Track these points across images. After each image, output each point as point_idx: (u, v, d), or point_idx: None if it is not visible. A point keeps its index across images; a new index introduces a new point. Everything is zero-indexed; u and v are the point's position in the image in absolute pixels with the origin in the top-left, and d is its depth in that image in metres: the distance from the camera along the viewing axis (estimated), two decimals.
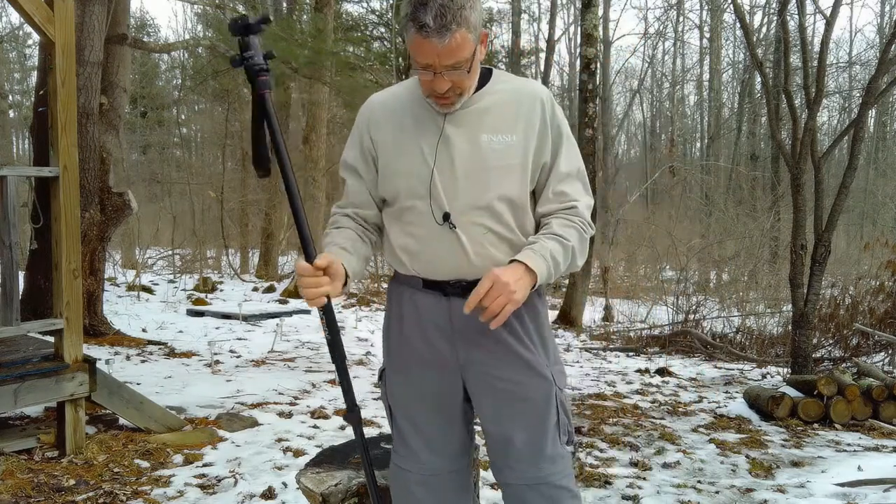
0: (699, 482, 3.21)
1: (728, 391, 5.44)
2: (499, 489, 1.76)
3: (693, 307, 8.86)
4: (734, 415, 4.54)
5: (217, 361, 5.58)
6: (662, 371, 6.19)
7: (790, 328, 5.85)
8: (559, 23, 20.45)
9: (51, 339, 3.37)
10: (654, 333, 8.58)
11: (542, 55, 19.12)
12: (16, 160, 19.07)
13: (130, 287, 10.21)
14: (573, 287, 9.87)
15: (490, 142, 1.48)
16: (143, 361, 5.43)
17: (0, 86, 19.86)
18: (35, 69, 12.54)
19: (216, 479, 3.03)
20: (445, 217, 1.46)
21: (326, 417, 4.13)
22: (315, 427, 3.91)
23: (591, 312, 10.84)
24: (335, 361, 1.47)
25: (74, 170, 3.22)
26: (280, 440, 3.62)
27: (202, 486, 2.95)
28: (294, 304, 9.75)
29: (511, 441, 1.55)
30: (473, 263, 1.47)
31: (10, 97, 21.55)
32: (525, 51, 20.07)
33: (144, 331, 6.89)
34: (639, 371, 6.24)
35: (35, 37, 14.87)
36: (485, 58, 1.49)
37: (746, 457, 3.60)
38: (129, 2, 6.78)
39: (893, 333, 6.40)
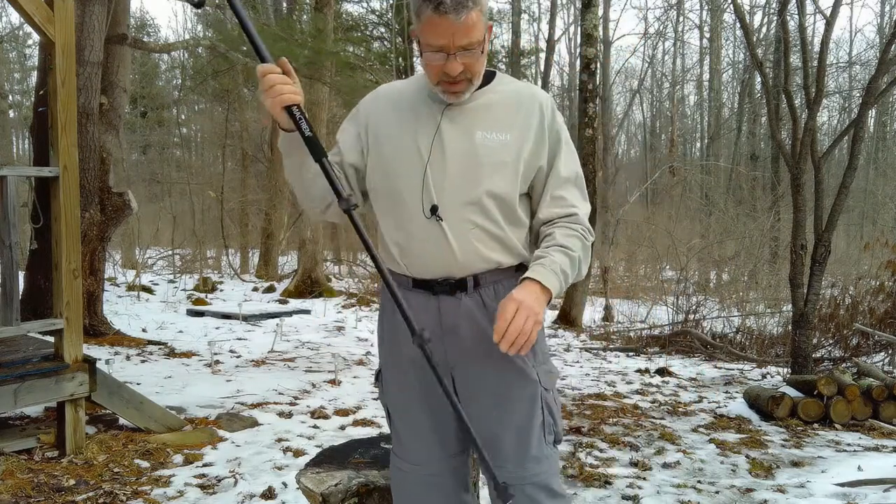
0: (699, 482, 3.21)
1: (728, 391, 5.44)
2: None
3: (693, 307, 8.86)
4: (734, 415, 4.54)
5: (217, 361, 5.58)
6: (662, 371, 6.19)
7: (790, 328, 5.86)
8: (559, 23, 20.47)
9: (51, 339, 3.37)
10: (654, 333, 8.58)
11: (542, 55, 19.13)
12: (16, 160, 19.08)
13: (130, 287, 10.22)
14: (573, 287, 9.87)
15: (484, 139, 1.48)
16: (143, 361, 5.43)
17: (0, 86, 19.86)
18: (35, 69, 12.54)
19: (216, 479, 3.03)
20: (433, 210, 1.46)
21: (326, 417, 4.13)
22: (315, 427, 3.91)
23: (591, 312, 10.84)
24: (316, 156, 1.38)
25: (74, 170, 3.23)
26: (280, 440, 3.62)
27: (202, 486, 2.95)
28: (294, 304, 9.76)
29: (496, 441, 1.56)
30: (458, 259, 1.47)
31: (10, 97, 21.56)
32: (525, 51, 20.07)
33: (144, 331, 6.89)
34: (639, 371, 6.24)
35: (35, 37, 14.87)
36: (486, 55, 1.49)
37: (746, 457, 3.60)
38: (129, 2, 6.78)
39: (893, 333, 6.40)
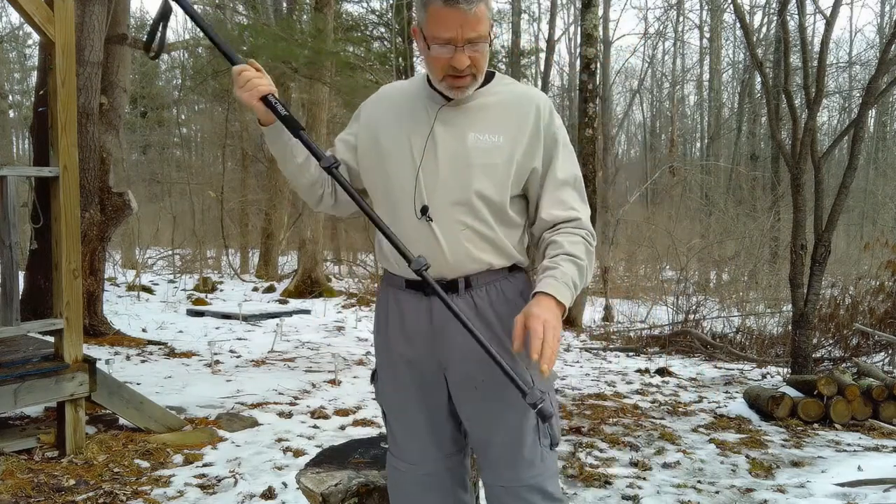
0: (699, 482, 3.21)
1: (728, 391, 5.44)
2: None
3: (693, 307, 8.85)
4: (734, 415, 4.54)
5: (217, 361, 5.58)
6: (662, 371, 6.19)
7: (790, 328, 5.85)
8: (559, 23, 20.44)
9: (51, 339, 3.37)
10: (654, 333, 8.58)
11: (542, 55, 19.12)
12: (16, 160, 19.08)
13: (130, 287, 10.22)
14: None
15: (476, 140, 1.48)
16: (143, 361, 5.43)
17: (0, 86, 19.86)
18: (35, 69, 12.54)
19: (216, 479, 3.03)
20: (423, 210, 1.46)
21: (326, 417, 4.13)
22: (315, 427, 3.91)
23: (591, 312, 10.84)
24: (294, 131, 1.45)
25: (74, 170, 3.23)
26: (280, 440, 3.62)
27: (202, 486, 2.95)
28: (294, 304, 9.76)
29: (488, 443, 1.55)
30: (449, 259, 1.47)
31: (10, 97, 21.54)
32: (525, 51, 20.06)
33: (144, 331, 6.90)
34: (639, 371, 6.24)
35: (35, 37, 14.88)
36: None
37: (746, 457, 3.60)
38: (129, 2, 6.79)
39: (893, 333, 6.40)
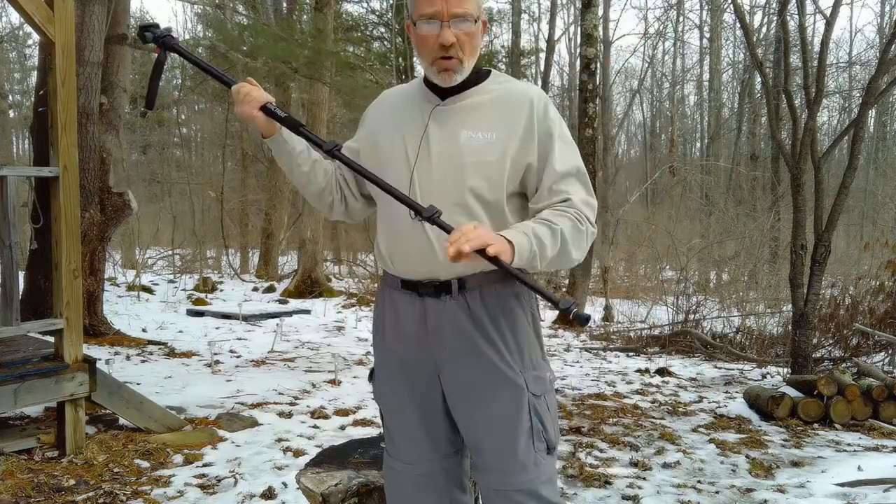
0: (699, 482, 3.21)
1: (728, 391, 5.44)
2: None
3: (693, 307, 8.85)
4: (734, 415, 4.54)
5: (217, 361, 5.58)
6: (662, 371, 6.18)
7: (790, 328, 5.85)
8: (559, 23, 20.44)
9: (51, 339, 3.37)
10: (654, 333, 8.58)
11: (542, 55, 19.12)
12: (16, 160, 19.07)
13: (130, 287, 10.22)
14: (573, 287, 9.87)
15: (469, 138, 1.47)
16: (143, 361, 5.43)
17: (0, 86, 19.85)
18: (35, 69, 12.53)
19: (216, 479, 3.03)
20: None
21: (326, 417, 4.13)
22: (315, 427, 3.91)
23: (591, 312, 10.83)
24: (294, 128, 1.52)
25: (74, 170, 3.23)
26: (280, 440, 3.62)
27: (202, 486, 2.95)
28: (294, 304, 9.76)
29: (480, 445, 1.55)
30: (441, 259, 1.46)
31: (10, 97, 21.53)
32: (525, 51, 20.06)
33: (144, 331, 6.90)
34: (639, 371, 6.24)
35: (35, 37, 14.87)
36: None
37: (746, 457, 3.60)
38: (129, 2, 6.79)
39: (893, 333, 6.40)
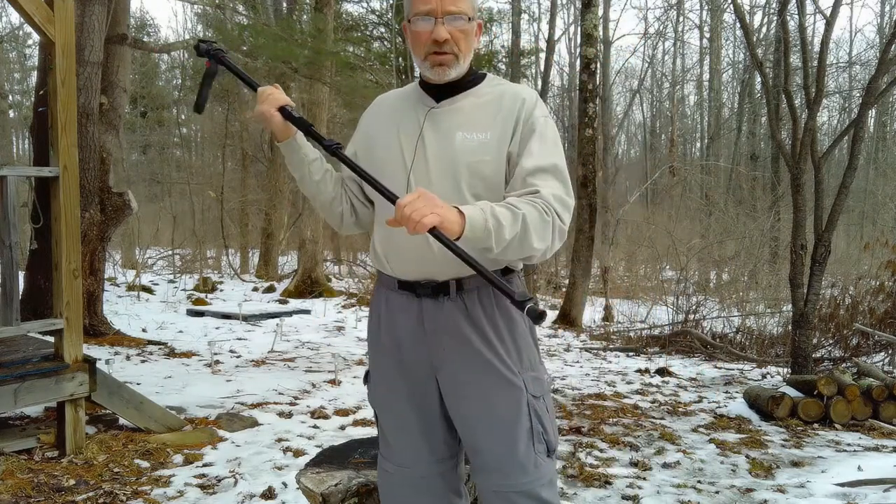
0: (699, 482, 3.21)
1: (728, 391, 5.44)
2: None
3: (693, 307, 8.85)
4: (734, 415, 4.53)
5: (217, 361, 5.58)
6: (662, 371, 6.18)
7: (790, 328, 5.85)
8: (559, 23, 20.41)
9: (51, 339, 3.37)
10: (654, 333, 8.58)
11: (542, 55, 19.11)
12: (16, 160, 19.08)
13: (130, 287, 10.22)
14: (573, 287, 9.88)
15: (464, 139, 1.47)
16: (143, 361, 5.43)
17: (0, 86, 19.85)
18: (35, 69, 12.54)
19: (216, 479, 3.03)
20: None
21: (326, 417, 4.13)
22: (315, 427, 3.91)
23: (591, 312, 10.84)
24: (304, 129, 1.54)
25: (74, 170, 3.23)
26: (280, 440, 3.62)
27: (202, 486, 2.95)
28: (294, 304, 9.76)
29: (478, 446, 1.54)
30: (439, 261, 1.46)
31: (10, 97, 21.53)
32: (525, 51, 20.05)
33: (144, 331, 6.89)
34: (639, 371, 6.24)
35: (35, 37, 14.87)
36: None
37: (746, 457, 3.60)
38: (129, 2, 6.78)
39: (893, 333, 6.40)
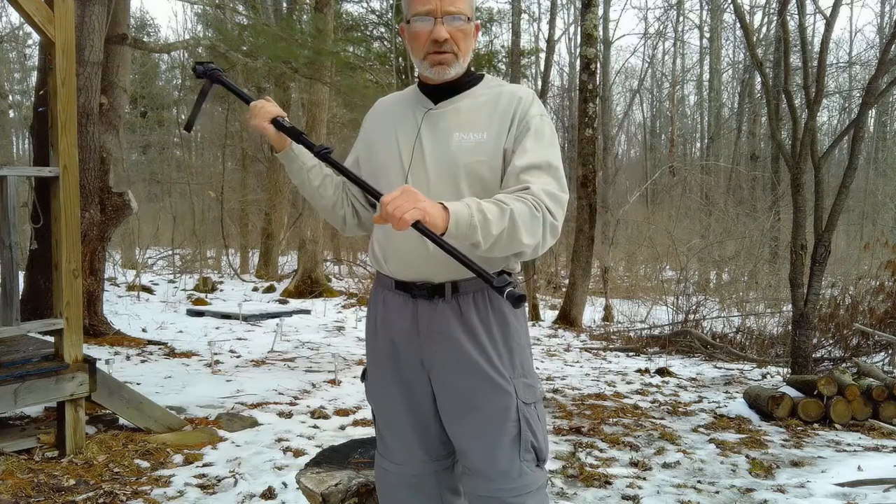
0: (699, 482, 3.21)
1: (728, 391, 5.44)
2: None
3: (693, 307, 8.86)
4: (734, 415, 4.53)
5: (217, 361, 5.58)
6: (662, 371, 6.19)
7: (790, 328, 5.86)
8: (559, 23, 20.40)
9: (51, 339, 3.37)
10: (654, 333, 8.58)
11: (542, 55, 19.11)
12: (16, 160, 19.07)
13: (130, 287, 10.21)
14: (573, 287, 9.88)
15: (461, 140, 1.47)
16: (143, 361, 5.43)
17: (0, 86, 19.85)
18: (35, 69, 12.53)
19: (216, 479, 3.03)
20: None
21: (326, 417, 4.13)
22: (315, 427, 3.91)
23: (591, 312, 10.84)
24: (295, 138, 1.56)
25: (74, 170, 3.23)
26: (280, 440, 3.62)
27: (202, 486, 2.95)
28: (294, 304, 9.76)
29: (466, 451, 1.54)
30: (436, 263, 1.45)
31: (10, 97, 21.52)
32: (525, 51, 20.04)
33: (144, 331, 6.89)
34: (639, 371, 6.24)
35: (35, 37, 14.87)
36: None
37: (746, 457, 3.60)
38: (129, 2, 6.78)
39: (893, 333, 6.40)
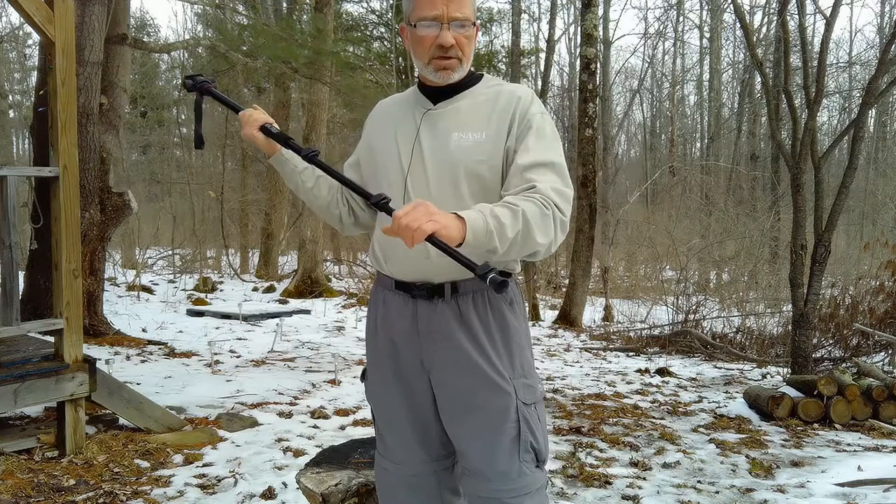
0: (699, 482, 3.21)
1: (728, 391, 5.44)
2: None
3: (693, 307, 8.86)
4: (734, 415, 4.53)
5: (217, 361, 5.58)
6: (662, 371, 6.19)
7: (790, 328, 5.86)
8: (559, 23, 20.40)
9: (51, 339, 3.37)
10: (654, 333, 8.58)
11: (542, 55, 19.11)
12: (16, 160, 19.07)
13: (130, 287, 10.21)
14: (573, 287, 9.88)
15: (459, 139, 1.47)
16: (143, 361, 5.43)
17: (0, 86, 19.85)
18: (35, 69, 12.53)
19: (216, 479, 3.03)
20: None
21: (326, 417, 4.13)
22: (315, 427, 3.91)
23: (591, 312, 10.84)
24: (283, 143, 1.59)
25: (74, 170, 3.23)
26: (280, 440, 3.62)
27: (202, 486, 2.95)
28: (294, 304, 9.76)
29: (466, 451, 1.54)
30: (435, 263, 1.45)
31: (10, 97, 21.51)
32: (525, 51, 20.03)
33: (144, 331, 6.89)
34: (639, 371, 6.24)
35: (35, 37, 14.87)
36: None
37: (746, 457, 3.60)
38: (129, 2, 6.78)
39: (893, 333, 6.40)
